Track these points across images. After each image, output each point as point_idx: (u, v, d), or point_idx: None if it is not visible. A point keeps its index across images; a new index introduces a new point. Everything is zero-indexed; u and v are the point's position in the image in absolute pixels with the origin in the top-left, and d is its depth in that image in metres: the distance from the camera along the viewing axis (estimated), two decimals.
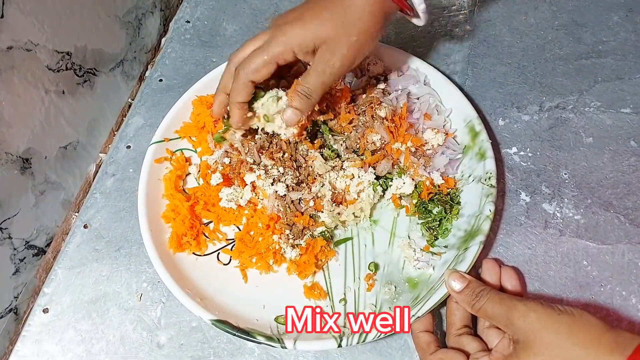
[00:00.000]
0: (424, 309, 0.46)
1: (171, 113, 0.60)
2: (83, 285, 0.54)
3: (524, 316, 0.40)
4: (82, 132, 0.61)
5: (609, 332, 0.38)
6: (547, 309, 0.40)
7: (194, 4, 0.77)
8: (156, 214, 0.54)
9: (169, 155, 0.58)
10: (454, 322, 0.47)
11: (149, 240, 0.52)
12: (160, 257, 0.51)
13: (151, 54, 0.74)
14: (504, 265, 0.50)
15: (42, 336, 0.51)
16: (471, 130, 0.57)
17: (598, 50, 0.67)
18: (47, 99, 0.54)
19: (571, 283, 0.51)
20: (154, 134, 0.59)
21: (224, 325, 0.47)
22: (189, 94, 0.61)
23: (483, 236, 0.50)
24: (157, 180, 0.56)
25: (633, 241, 0.53)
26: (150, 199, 0.55)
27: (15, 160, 0.51)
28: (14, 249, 0.52)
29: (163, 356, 0.50)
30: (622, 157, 0.58)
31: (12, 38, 0.48)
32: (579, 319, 0.39)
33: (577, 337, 0.38)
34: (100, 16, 0.61)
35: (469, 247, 0.49)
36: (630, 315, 0.49)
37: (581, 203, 0.56)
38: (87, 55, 0.59)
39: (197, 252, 0.54)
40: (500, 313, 0.42)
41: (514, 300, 0.42)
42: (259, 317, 0.50)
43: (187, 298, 0.48)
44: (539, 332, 0.39)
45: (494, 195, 0.52)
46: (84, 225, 0.58)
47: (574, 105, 0.63)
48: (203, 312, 0.47)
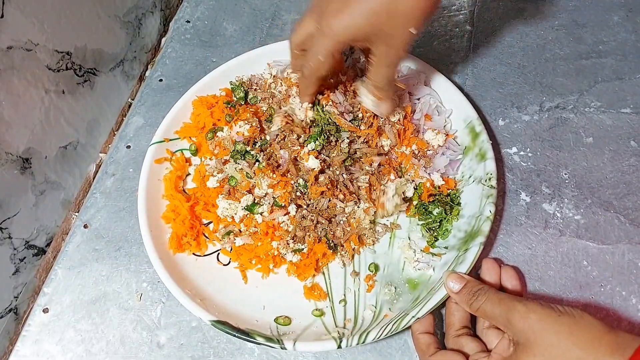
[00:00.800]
0: (423, 310, 0.46)
1: (171, 113, 0.60)
2: (83, 285, 0.54)
3: (524, 317, 0.40)
4: (82, 132, 0.61)
5: (610, 333, 0.38)
6: (547, 309, 0.40)
7: (194, 4, 0.77)
8: (156, 215, 0.54)
9: (169, 156, 0.58)
10: (453, 322, 0.47)
11: (148, 240, 0.52)
12: (160, 258, 0.51)
13: (151, 54, 0.74)
14: (504, 265, 0.51)
15: (42, 336, 0.51)
16: (471, 131, 0.57)
17: (598, 50, 0.67)
18: (47, 98, 0.54)
19: (571, 283, 0.51)
20: (154, 134, 0.59)
21: (224, 326, 0.47)
22: (189, 94, 0.61)
23: (483, 237, 0.50)
24: (157, 180, 0.56)
25: (633, 241, 0.53)
26: (150, 199, 0.54)
27: (15, 160, 0.51)
28: (14, 249, 0.52)
29: (163, 356, 0.50)
30: (622, 157, 0.58)
31: (12, 38, 0.48)
32: (579, 320, 0.39)
33: (578, 338, 0.38)
34: (100, 16, 0.61)
35: (469, 248, 0.49)
36: (630, 315, 0.49)
37: (581, 203, 0.56)
38: (87, 55, 0.59)
39: (197, 252, 0.54)
40: (500, 313, 0.42)
41: (514, 300, 0.42)
42: (259, 318, 0.50)
43: (187, 299, 0.48)
44: (539, 333, 0.39)
45: (494, 196, 0.52)
46: (84, 225, 0.58)
47: (574, 105, 0.63)
48: (203, 313, 0.47)
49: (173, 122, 0.60)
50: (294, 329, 0.49)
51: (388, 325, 0.46)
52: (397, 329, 0.46)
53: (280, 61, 0.64)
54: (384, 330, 0.46)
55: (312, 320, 0.50)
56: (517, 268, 0.52)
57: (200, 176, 0.57)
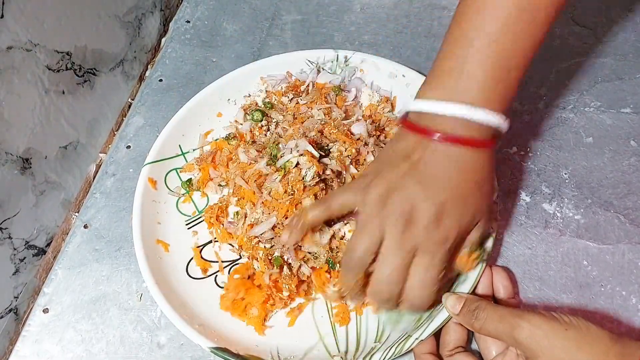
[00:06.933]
0: (427, 332, 0.45)
1: (163, 134, 0.58)
2: (83, 285, 0.54)
3: (530, 335, 0.39)
4: (82, 132, 0.61)
5: (616, 344, 0.38)
6: (553, 323, 0.39)
7: (194, 4, 0.77)
8: (152, 239, 0.53)
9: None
10: (447, 342, 0.46)
11: (144, 264, 0.50)
12: (156, 283, 0.49)
13: (151, 54, 0.74)
14: (495, 266, 0.50)
15: (42, 336, 0.51)
16: None
17: (598, 50, 0.67)
18: (47, 99, 0.54)
19: (571, 283, 0.51)
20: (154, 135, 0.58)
21: (224, 352, 0.45)
22: (182, 113, 0.59)
23: (486, 254, 0.48)
24: (151, 202, 0.55)
25: (633, 241, 0.53)
26: (146, 224, 0.53)
27: (15, 160, 0.51)
28: (14, 249, 0.52)
29: (163, 356, 0.50)
30: (622, 157, 0.58)
31: (12, 38, 0.48)
32: (586, 334, 0.39)
33: (585, 352, 0.38)
34: (100, 16, 0.61)
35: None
36: (630, 315, 0.49)
37: (581, 203, 0.56)
38: (87, 55, 0.59)
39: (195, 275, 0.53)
40: (504, 331, 0.41)
41: (515, 317, 0.41)
42: (259, 342, 0.48)
43: (185, 325, 0.47)
44: (547, 349, 0.38)
45: (496, 212, 0.50)
46: (84, 225, 0.58)
47: (574, 105, 0.63)
48: (202, 339, 0.46)
49: (167, 141, 0.58)
50: (295, 353, 0.48)
51: (391, 348, 0.45)
52: (401, 351, 0.44)
53: (274, 76, 0.63)
54: (388, 353, 0.44)
55: (314, 343, 0.49)
56: (507, 268, 0.52)
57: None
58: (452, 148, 0.42)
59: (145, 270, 0.50)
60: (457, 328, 0.46)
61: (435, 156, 0.42)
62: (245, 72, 0.63)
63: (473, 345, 0.48)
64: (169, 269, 0.52)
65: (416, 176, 0.42)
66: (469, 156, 0.42)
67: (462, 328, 0.46)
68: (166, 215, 0.56)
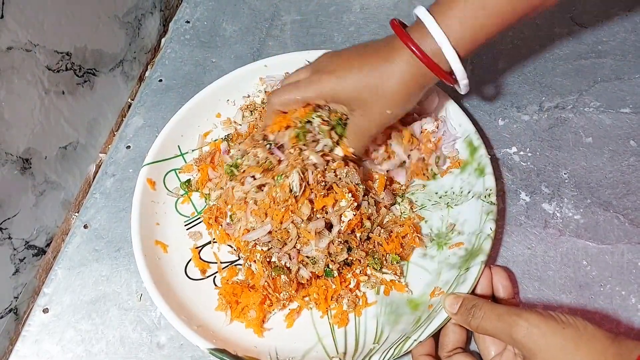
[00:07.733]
0: (425, 333, 0.45)
1: (162, 134, 0.58)
2: (83, 285, 0.54)
3: (528, 334, 0.39)
4: (82, 132, 0.61)
5: (614, 343, 0.38)
6: (550, 322, 0.39)
7: (193, 5, 0.77)
8: (150, 240, 0.53)
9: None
10: (446, 344, 0.46)
11: (143, 267, 0.50)
12: (155, 283, 0.49)
13: (151, 54, 0.74)
14: (494, 266, 0.50)
15: (42, 336, 0.52)
16: (469, 145, 0.56)
17: (597, 50, 0.67)
18: (47, 99, 0.54)
19: (571, 283, 0.51)
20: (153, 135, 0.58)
21: (222, 354, 0.45)
22: (179, 115, 0.60)
23: (484, 256, 0.48)
24: (150, 202, 0.55)
25: (633, 241, 0.53)
26: (144, 225, 0.53)
27: (15, 160, 0.51)
28: (14, 249, 0.52)
29: (163, 356, 0.50)
30: (621, 157, 0.58)
31: (12, 38, 0.48)
32: (583, 333, 0.39)
33: (583, 351, 0.38)
34: (100, 16, 0.61)
35: (470, 267, 0.48)
36: (630, 315, 0.49)
37: (581, 203, 0.56)
38: (87, 55, 0.59)
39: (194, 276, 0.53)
40: (502, 330, 0.41)
41: (512, 315, 0.41)
42: (258, 344, 0.48)
43: (184, 326, 0.47)
44: (544, 348, 0.39)
45: (494, 213, 0.51)
46: (84, 225, 0.58)
47: (574, 105, 0.63)
48: (201, 341, 0.46)
49: (165, 143, 0.58)
50: (293, 354, 0.48)
51: (390, 349, 0.45)
52: (399, 353, 0.44)
53: (273, 76, 0.63)
54: (386, 354, 0.44)
55: (312, 344, 0.49)
56: (506, 268, 0.52)
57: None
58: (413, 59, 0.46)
59: (144, 271, 0.50)
60: (456, 329, 0.46)
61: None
62: (244, 73, 0.63)
63: (472, 347, 0.49)
64: (167, 270, 0.52)
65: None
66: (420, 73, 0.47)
67: (461, 329, 0.46)
68: (165, 216, 0.56)
